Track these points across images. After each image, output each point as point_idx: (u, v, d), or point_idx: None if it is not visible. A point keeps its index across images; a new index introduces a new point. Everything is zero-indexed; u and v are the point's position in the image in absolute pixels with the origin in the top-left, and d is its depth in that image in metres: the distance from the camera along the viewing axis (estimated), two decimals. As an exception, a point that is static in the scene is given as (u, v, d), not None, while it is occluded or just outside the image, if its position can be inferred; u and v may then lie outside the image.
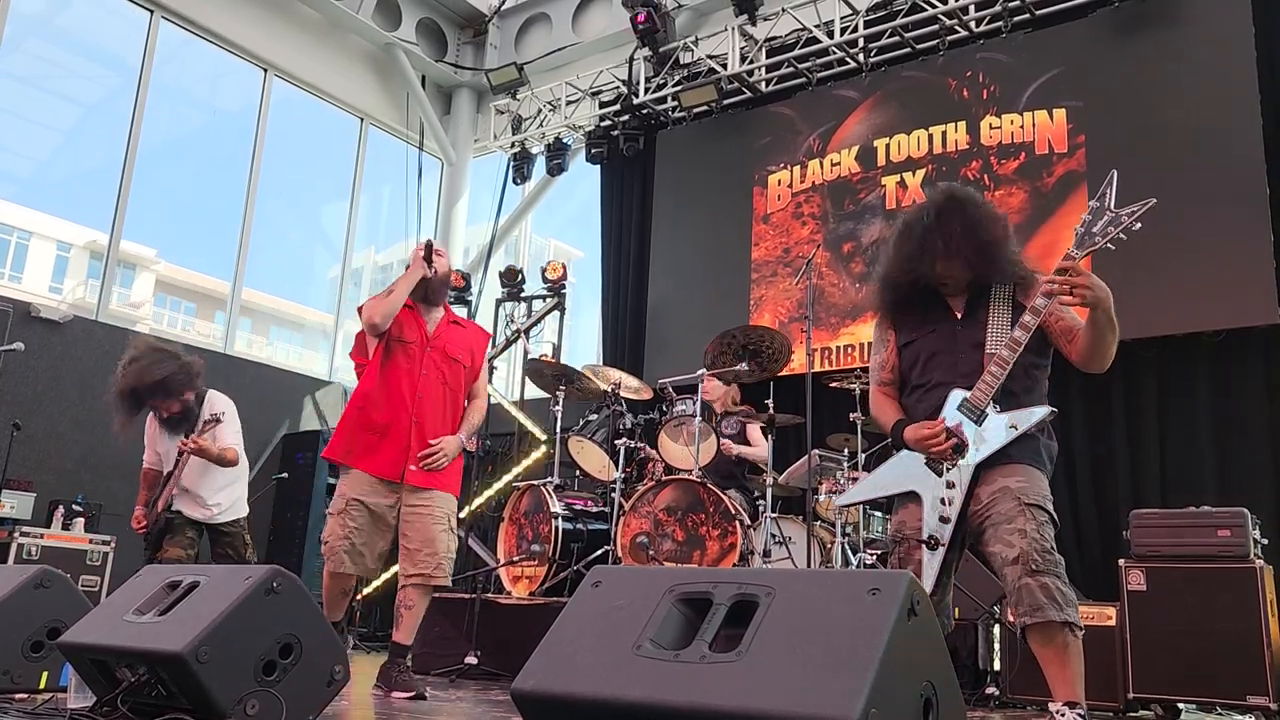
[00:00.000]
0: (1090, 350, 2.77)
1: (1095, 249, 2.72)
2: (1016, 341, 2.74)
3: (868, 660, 1.65)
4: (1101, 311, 2.68)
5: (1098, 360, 2.79)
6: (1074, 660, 2.60)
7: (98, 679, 2.61)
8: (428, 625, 5.25)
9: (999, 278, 2.88)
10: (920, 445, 2.82)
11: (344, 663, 2.64)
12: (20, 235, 17.62)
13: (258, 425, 8.70)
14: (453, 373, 4.03)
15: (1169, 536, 4.33)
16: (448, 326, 4.11)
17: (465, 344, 4.13)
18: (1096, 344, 2.75)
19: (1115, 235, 2.70)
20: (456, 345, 4.09)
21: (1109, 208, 2.73)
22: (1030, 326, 2.74)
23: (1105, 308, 2.67)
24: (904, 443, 2.89)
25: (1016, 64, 7.05)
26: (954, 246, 2.82)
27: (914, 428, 2.84)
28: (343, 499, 3.87)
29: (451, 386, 4.03)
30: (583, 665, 1.90)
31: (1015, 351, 2.74)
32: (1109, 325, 2.71)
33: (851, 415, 5.65)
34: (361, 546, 3.85)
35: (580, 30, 9.83)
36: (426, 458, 3.87)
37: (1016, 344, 2.74)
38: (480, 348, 4.23)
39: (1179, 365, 6.20)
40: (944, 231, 2.84)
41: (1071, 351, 2.84)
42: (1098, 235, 2.72)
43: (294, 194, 10.28)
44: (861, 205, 7.56)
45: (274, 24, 9.29)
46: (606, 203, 9.35)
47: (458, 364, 4.05)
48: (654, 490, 5.19)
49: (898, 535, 2.88)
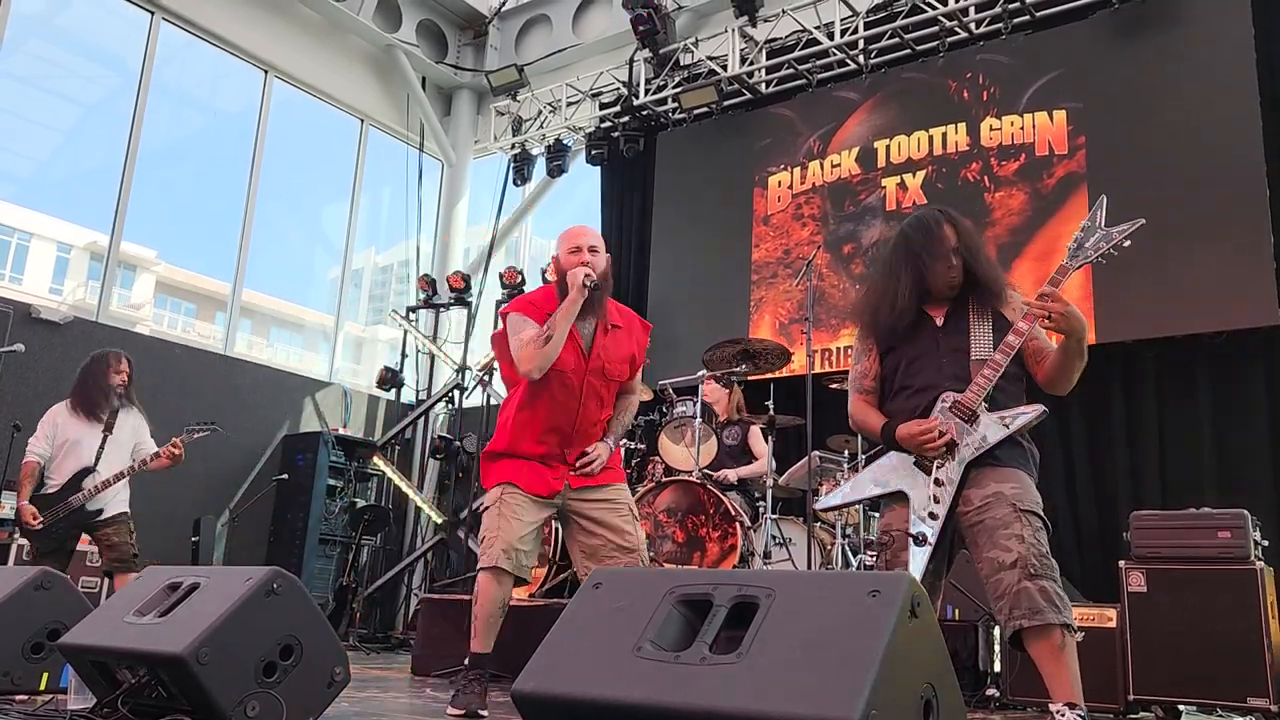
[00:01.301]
0: (1056, 374, 2.86)
1: (1088, 261, 2.84)
2: (1010, 346, 2.80)
3: (868, 661, 1.65)
4: (1074, 340, 2.76)
5: (1062, 384, 2.87)
6: (1071, 661, 2.62)
7: (98, 680, 2.62)
8: (427, 626, 5.25)
9: (996, 286, 2.95)
10: (913, 442, 2.84)
11: (344, 664, 2.64)
12: (20, 236, 17.62)
13: (258, 426, 8.72)
14: (609, 390, 3.67)
15: (1169, 538, 4.33)
16: (604, 335, 3.60)
17: (625, 353, 3.67)
18: (1063, 369, 2.83)
19: (1106, 250, 2.82)
20: (614, 358, 3.62)
21: (1100, 226, 2.85)
22: (1024, 333, 2.80)
23: (1079, 336, 2.75)
24: (895, 442, 2.91)
25: (1016, 65, 7.05)
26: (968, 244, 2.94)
27: (907, 425, 2.86)
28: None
29: (606, 400, 3.67)
30: (583, 667, 1.91)
31: (1008, 356, 2.80)
32: (1078, 353, 2.79)
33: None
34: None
35: (580, 32, 9.84)
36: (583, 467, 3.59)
37: (1010, 348, 2.80)
38: (641, 346, 3.76)
39: (1179, 367, 6.20)
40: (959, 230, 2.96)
41: (1038, 372, 2.91)
42: (1090, 250, 2.83)
43: (294, 195, 10.29)
44: (862, 206, 7.56)
45: (274, 25, 9.29)
46: (607, 204, 9.35)
47: (614, 382, 3.67)
48: (654, 492, 5.19)
49: (885, 537, 2.92)
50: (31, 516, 4.79)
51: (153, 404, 5.32)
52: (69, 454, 4.95)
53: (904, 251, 3.00)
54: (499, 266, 9.31)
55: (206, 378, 8.31)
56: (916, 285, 2.94)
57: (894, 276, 2.98)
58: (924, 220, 3.01)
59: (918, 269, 2.94)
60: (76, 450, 4.95)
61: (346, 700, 3.41)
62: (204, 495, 8.05)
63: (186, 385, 7.95)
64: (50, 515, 4.81)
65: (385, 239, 11.24)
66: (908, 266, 2.96)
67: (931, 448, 2.81)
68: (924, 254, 2.93)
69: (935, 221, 2.98)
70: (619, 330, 3.66)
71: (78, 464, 4.92)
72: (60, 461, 4.94)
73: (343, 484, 8.80)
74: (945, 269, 2.93)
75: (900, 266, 2.98)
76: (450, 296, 9.31)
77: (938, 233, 2.95)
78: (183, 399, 7.74)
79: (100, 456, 4.93)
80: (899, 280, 2.96)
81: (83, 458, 4.93)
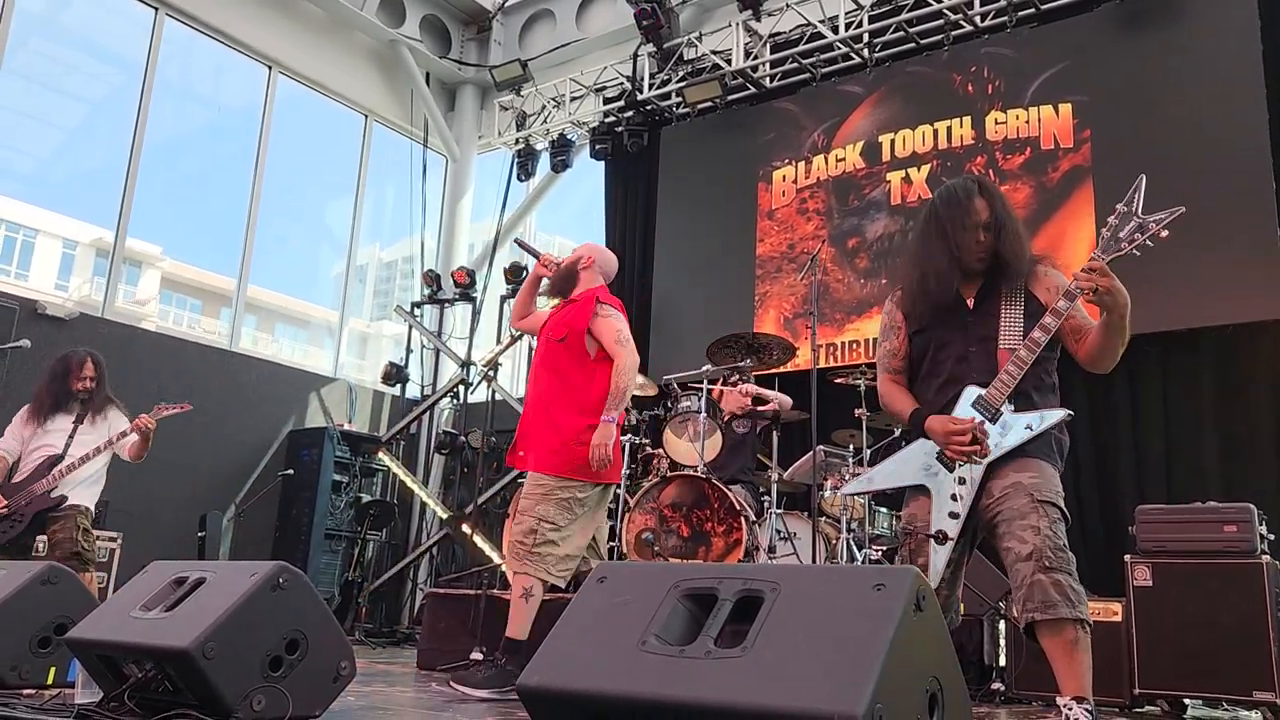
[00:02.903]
0: (1099, 351, 2.77)
1: (1121, 254, 2.70)
2: (1035, 343, 2.72)
3: (873, 656, 1.65)
4: (1118, 316, 2.67)
5: (1105, 361, 2.79)
6: (1083, 656, 2.60)
7: (105, 675, 2.62)
8: (432, 621, 5.26)
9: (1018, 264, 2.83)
10: (945, 439, 2.76)
11: (350, 659, 2.65)
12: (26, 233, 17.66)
13: (263, 422, 8.74)
14: (553, 354, 4.06)
15: (1175, 532, 4.32)
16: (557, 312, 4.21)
17: (565, 320, 4.11)
18: (1106, 346, 2.74)
19: (1142, 242, 2.68)
20: (557, 325, 4.12)
21: (1136, 213, 2.72)
22: (1051, 329, 2.71)
23: (1123, 313, 2.67)
24: (923, 431, 2.84)
25: (1021, 59, 7.03)
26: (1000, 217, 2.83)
27: (942, 420, 2.78)
28: None
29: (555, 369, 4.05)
30: (588, 661, 1.91)
31: (1034, 353, 2.72)
32: (1121, 329, 2.70)
33: (857, 411, 5.65)
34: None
35: (584, 26, 9.82)
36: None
37: (1035, 345, 2.72)
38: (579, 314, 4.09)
39: (1185, 360, 6.18)
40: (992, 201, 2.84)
41: (1079, 350, 2.82)
42: (1124, 240, 2.70)
43: (299, 191, 10.30)
44: (866, 201, 7.54)
45: (278, 21, 9.29)
46: (611, 199, 9.33)
47: (559, 343, 4.04)
48: (659, 486, 5.19)
49: (909, 527, 2.86)
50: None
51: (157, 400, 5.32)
52: (38, 445, 4.94)
53: (934, 225, 2.90)
54: (503, 262, 9.31)
55: (212, 373, 8.32)
56: (950, 261, 2.83)
57: (926, 253, 2.89)
58: (953, 192, 2.90)
59: (947, 243, 2.83)
60: (45, 440, 4.94)
61: (352, 694, 3.41)
62: (210, 491, 8.06)
63: (192, 381, 7.95)
64: (14, 504, 4.79)
65: (390, 234, 11.26)
66: (939, 241, 2.86)
67: (961, 450, 2.73)
68: (950, 227, 2.83)
69: (966, 193, 2.86)
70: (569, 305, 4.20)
71: (47, 452, 4.91)
72: (29, 453, 4.95)
73: (348, 479, 8.81)
74: (973, 243, 2.83)
75: (930, 241, 2.89)
76: (455, 292, 9.32)
77: (967, 205, 2.84)
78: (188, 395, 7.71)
79: (69, 445, 4.92)
80: (932, 257, 2.86)
81: (52, 446, 4.93)
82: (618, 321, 4.04)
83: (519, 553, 3.80)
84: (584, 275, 4.22)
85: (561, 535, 3.83)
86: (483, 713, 3.30)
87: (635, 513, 5.17)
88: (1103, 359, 2.78)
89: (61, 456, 4.87)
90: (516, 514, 3.93)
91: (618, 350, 3.97)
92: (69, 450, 4.90)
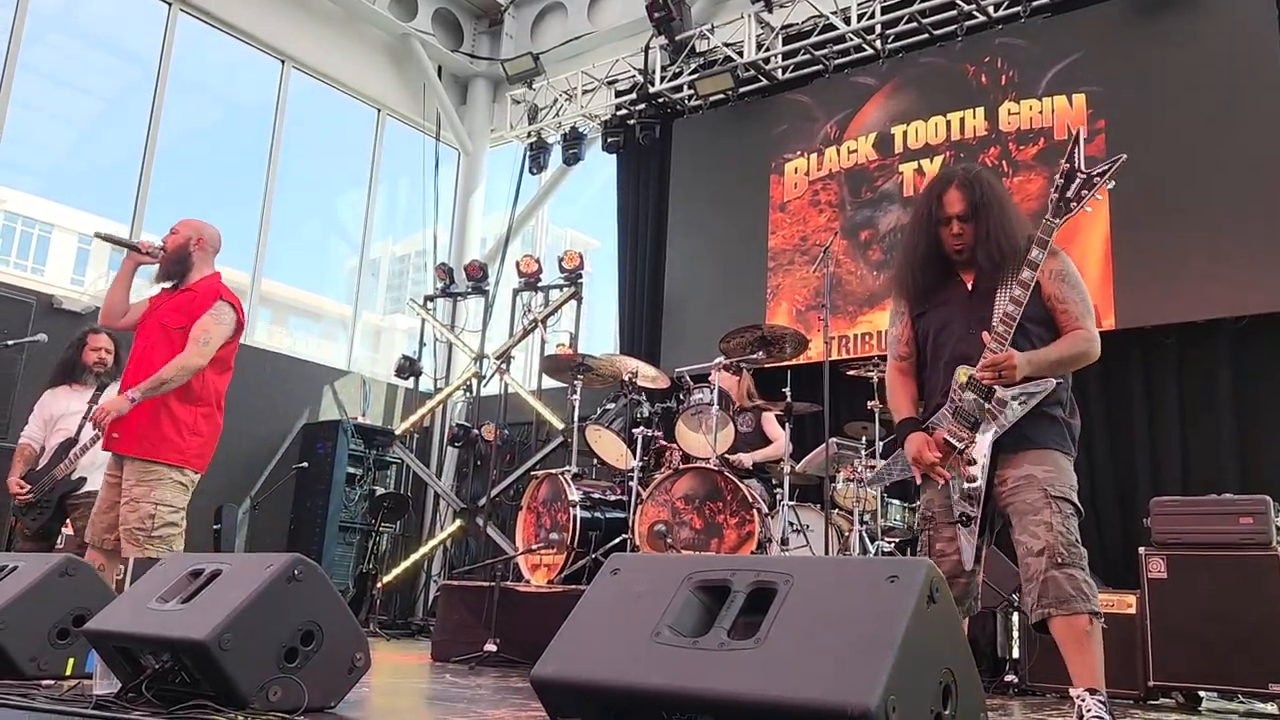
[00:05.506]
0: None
1: (1073, 215, 2.74)
2: (1017, 300, 2.71)
3: (886, 647, 1.65)
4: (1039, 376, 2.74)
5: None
6: (1095, 647, 2.61)
7: (122, 666, 2.64)
8: (446, 612, 5.28)
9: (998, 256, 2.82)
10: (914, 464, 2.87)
11: (365, 650, 2.67)
12: (42, 228, 17.77)
13: (277, 416, 8.78)
14: (168, 340, 4.00)
15: (1190, 524, 4.31)
16: (169, 298, 4.16)
17: (182, 308, 4.08)
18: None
19: (1090, 197, 2.72)
20: (173, 313, 4.07)
21: (1079, 169, 2.74)
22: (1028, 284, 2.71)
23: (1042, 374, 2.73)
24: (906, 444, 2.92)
25: (1035, 49, 6.99)
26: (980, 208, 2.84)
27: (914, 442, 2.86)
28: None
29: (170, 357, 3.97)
30: (601, 652, 1.91)
31: (1019, 306, 2.70)
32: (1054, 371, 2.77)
33: (869, 403, 5.64)
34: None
35: (596, 19, 9.81)
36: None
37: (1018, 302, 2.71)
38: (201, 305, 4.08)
39: (1200, 351, 6.14)
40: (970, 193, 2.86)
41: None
42: (1072, 200, 2.72)
43: (312, 185, 10.33)
44: (879, 193, 7.52)
45: (291, 16, 9.32)
46: (623, 192, 9.33)
47: (177, 331, 4.00)
48: (671, 478, 5.20)
49: (928, 512, 2.90)
50: (18, 487, 4.83)
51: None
52: (55, 430, 4.99)
53: (914, 216, 3.03)
54: (515, 255, 9.33)
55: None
56: (929, 250, 2.92)
57: (911, 243, 2.99)
58: (932, 184, 2.99)
59: (925, 234, 2.92)
60: (62, 424, 4.99)
61: (367, 685, 3.43)
62: (225, 484, 8.10)
63: (207, 375, 7.99)
64: (38, 490, 4.83)
65: (402, 228, 11.28)
66: (920, 230, 2.95)
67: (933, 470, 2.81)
68: (926, 219, 2.92)
69: (943, 185, 2.91)
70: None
71: (62, 436, 4.96)
72: (49, 438, 5.00)
73: (362, 472, 8.85)
74: (948, 235, 2.88)
75: (913, 231, 2.99)
76: (467, 285, 9.34)
77: (941, 198, 2.89)
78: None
79: (83, 427, 4.95)
80: (916, 247, 2.96)
81: (67, 430, 4.97)
82: (223, 326, 4.02)
83: (138, 538, 3.85)
84: (197, 255, 4.17)
85: (181, 518, 3.95)
86: (496, 704, 3.32)
87: (648, 505, 5.17)
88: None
89: (76, 439, 4.91)
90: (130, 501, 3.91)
91: (192, 345, 3.95)
92: (82, 432, 4.92)
